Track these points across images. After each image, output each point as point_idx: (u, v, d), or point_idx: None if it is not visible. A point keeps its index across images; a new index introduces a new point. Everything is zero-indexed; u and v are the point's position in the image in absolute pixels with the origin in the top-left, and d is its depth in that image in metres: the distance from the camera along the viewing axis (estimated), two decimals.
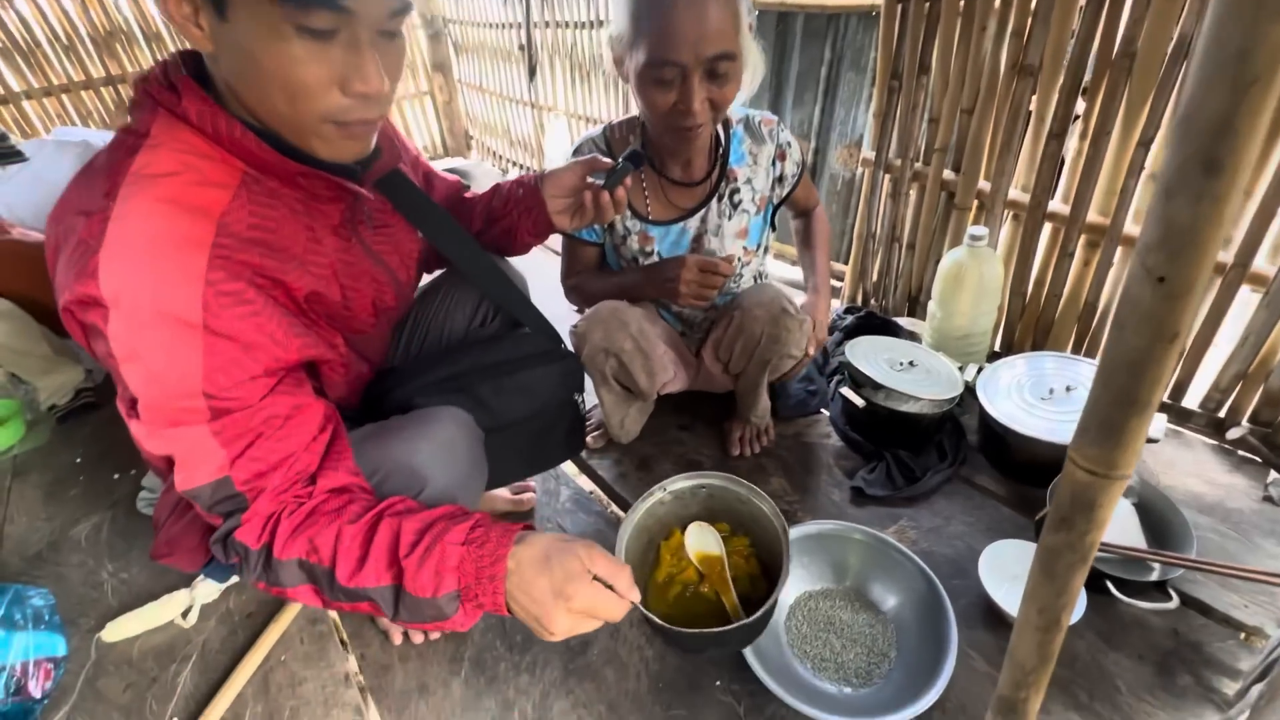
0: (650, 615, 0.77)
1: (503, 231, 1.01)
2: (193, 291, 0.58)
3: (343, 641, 1.05)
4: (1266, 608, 1.00)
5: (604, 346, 1.19)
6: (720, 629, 0.78)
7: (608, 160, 0.96)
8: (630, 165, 0.93)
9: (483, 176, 2.97)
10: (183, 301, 0.58)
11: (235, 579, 1.13)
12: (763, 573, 0.97)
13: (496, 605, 0.61)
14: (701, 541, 0.95)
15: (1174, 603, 0.95)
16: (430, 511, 0.65)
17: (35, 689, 0.97)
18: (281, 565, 0.64)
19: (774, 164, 1.22)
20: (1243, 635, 0.97)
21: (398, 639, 1.03)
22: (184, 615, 1.08)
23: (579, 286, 1.30)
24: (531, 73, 2.81)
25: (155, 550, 0.89)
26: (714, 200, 1.20)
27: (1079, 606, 0.94)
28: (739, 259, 1.26)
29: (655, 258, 1.24)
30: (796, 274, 1.80)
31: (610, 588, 0.63)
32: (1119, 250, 1.34)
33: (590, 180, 0.95)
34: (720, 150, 1.19)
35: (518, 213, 0.99)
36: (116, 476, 1.41)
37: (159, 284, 0.58)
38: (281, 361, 0.65)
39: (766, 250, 1.35)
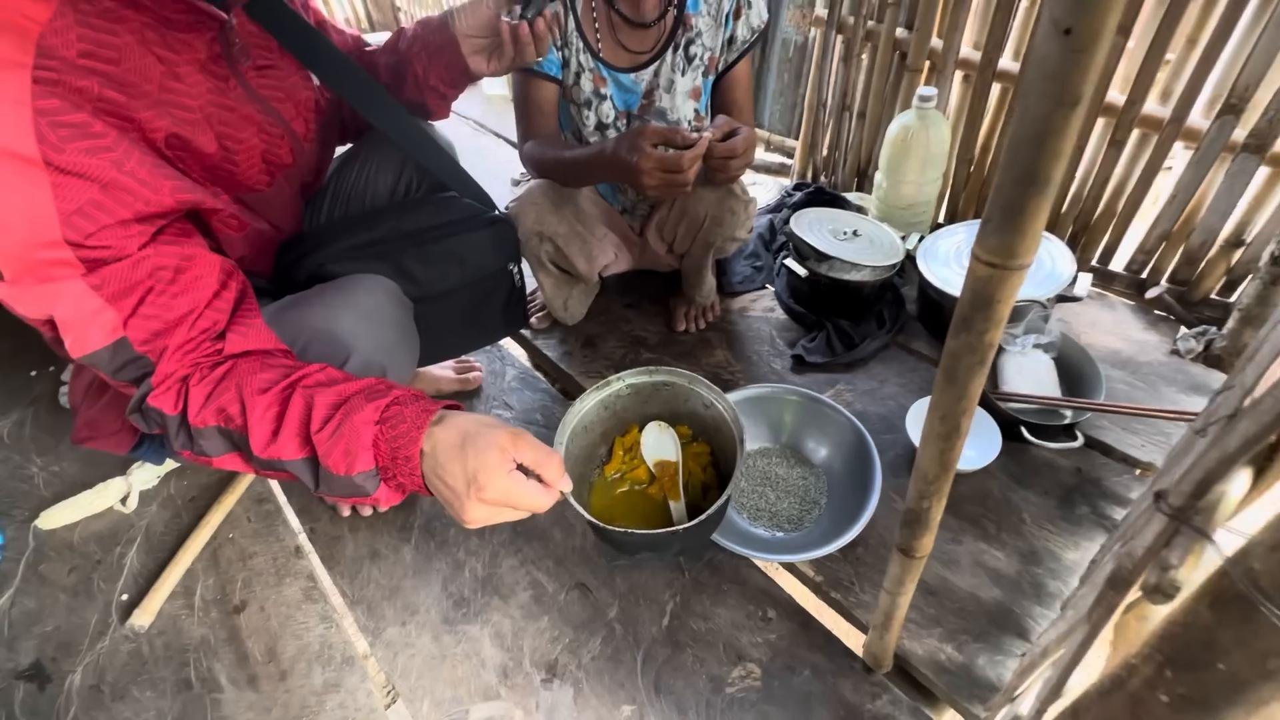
0: (579, 508, 0.71)
1: (412, 83, 0.91)
2: (18, 121, 0.51)
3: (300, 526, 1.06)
4: (1161, 446, 1.08)
5: (537, 230, 1.13)
6: (650, 531, 0.74)
7: None
8: None
9: None
10: (8, 133, 0.51)
11: (173, 463, 1.11)
12: (719, 484, 0.91)
13: (416, 486, 0.59)
14: (659, 446, 0.89)
15: (1079, 442, 1.02)
16: (348, 384, 0.61)
17: None
18: (202, 433, 0.62)
19: (728, 21, 1.12)
20: (1137, 471, 1.06)
21: (345, 511, 1.04)
22: (123, 502, 1.07)
23: (536, 156, 1.13)
24: None
25: (75, 434, 0.86)
26: (669, 51, 1.12)
27: (993, 450, 1.01)
28: (689, 123, 1.19)
29: (609, 105, 1.14)
30: None
31: (539, 478, 0.59)
32: None
33: (505, 19, 0.84)
34: None
35: (426, 56, 0.89)
36: (34, 373, 1.34)
37: None
38: (154, 205, 0.59)
39: None
